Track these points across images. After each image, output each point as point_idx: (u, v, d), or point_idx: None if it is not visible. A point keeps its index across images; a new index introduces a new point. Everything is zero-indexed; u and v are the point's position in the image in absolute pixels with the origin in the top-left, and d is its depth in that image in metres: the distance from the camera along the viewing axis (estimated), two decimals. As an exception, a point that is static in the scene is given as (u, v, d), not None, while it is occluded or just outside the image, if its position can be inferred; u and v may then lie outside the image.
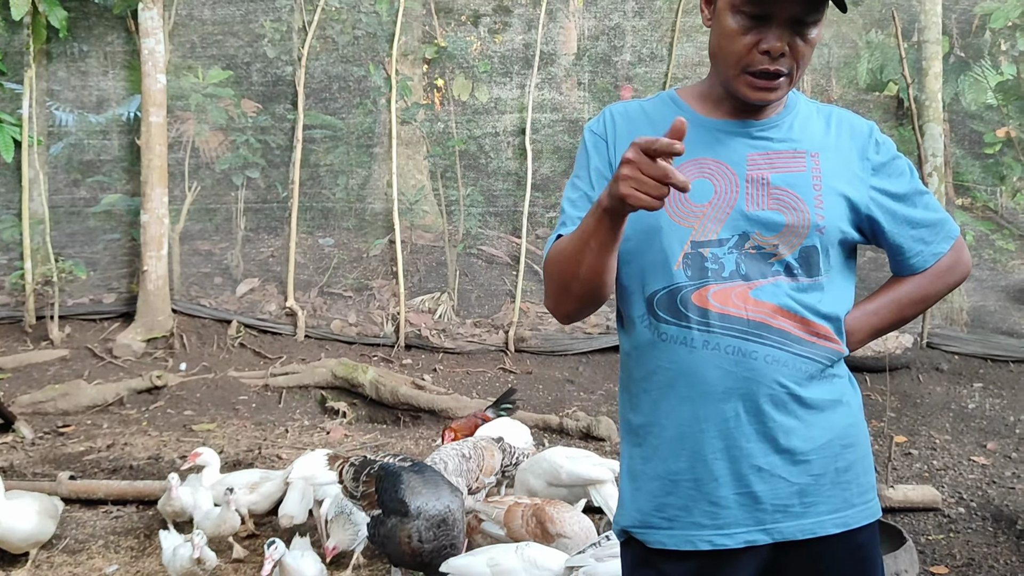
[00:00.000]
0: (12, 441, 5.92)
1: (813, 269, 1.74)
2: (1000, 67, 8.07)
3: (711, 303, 1.70)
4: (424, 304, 8.03)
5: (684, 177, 1.47)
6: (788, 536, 1.73)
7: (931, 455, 5.67)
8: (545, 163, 8.32)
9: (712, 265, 1.71)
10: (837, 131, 1.82)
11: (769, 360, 1.69)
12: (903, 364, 7.10)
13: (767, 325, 1.70)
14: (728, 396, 1.70)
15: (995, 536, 4.47)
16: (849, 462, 1.77)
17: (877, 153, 1.82)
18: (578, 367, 7.45)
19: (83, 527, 4.60)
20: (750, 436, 1.71)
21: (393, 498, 3.37)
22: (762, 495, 1.71)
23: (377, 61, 8.27)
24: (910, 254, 1.85)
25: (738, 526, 1.72)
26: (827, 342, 1.75)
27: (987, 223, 7.81)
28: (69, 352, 7.46)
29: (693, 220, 1.73)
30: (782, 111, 1.81)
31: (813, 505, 1.73)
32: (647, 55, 8.20)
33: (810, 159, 1.77)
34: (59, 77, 8.38)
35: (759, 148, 1.77)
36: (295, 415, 6.65)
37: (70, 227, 8.30)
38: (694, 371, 1.71)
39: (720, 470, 1.71)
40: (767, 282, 1.71)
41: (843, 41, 8.23)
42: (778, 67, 1.69)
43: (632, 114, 1.86)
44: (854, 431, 1.79)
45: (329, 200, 8.41)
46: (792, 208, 1.73)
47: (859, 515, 1.77)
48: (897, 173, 1.83)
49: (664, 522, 1.75)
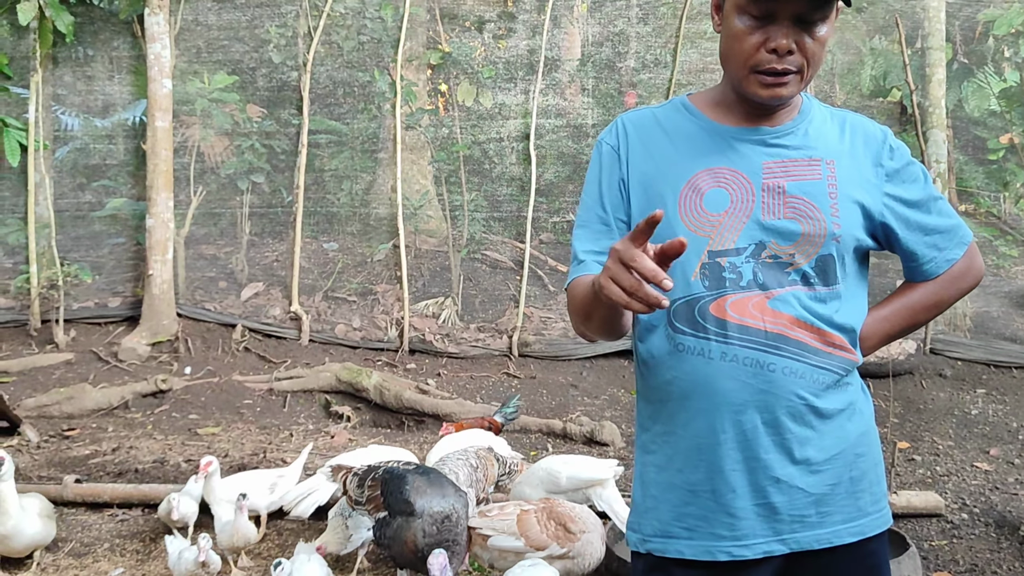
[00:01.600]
0: (17, 444, 5.94)
1: (830, 278, 1.74)
2: (1003, 73, 8.08)
3: (729, 314, 1.70)
4: (428, 309, 8.05)
5: (658, 295, 1.44)
6: (805, 546, 1.73)
7: (934, 461, 5.67)
8: (549, 168, 8.34)
9: (730, 275, 1.72)
10: (851, 137, 1.81)
11: (787, 372, 1.70)
12: (906, 370, 7.10)
13: (785, 336, 1.70)
14: (745, 408, 1.70)
15: (998, 542, 4.48)
16: (862, 471, 1.78)
17: (891, 159, 1.81)
18: (582, 372, 7.46)
19: (88, 530, 4.61)
20: (768, 448, 1.71)
21: (399, 499, 3.38)
22: (780, 506, 1.72)
23: (382, 66, 8.29)
24: (924, 260, 1.85)
25: (756, 537, 1.73)
26: (843, 352, 1.75)
27: (990, 229, 7.81)
28: (74, 356, 7.48)
29: (710, 230, 1.73)
30: (797, 117, 1.81)
31: (829, 515, 1.74)
32: (651, 61, 8.22)
33: (825, 166, 1.76)
34: (65, 82, 8.40)
35: (774, 156, 1.76)
36: (299, 419, 6.66)
37: (75, 231, 8.32)
38: (711, 382, 1.71)
39: (738, 481, 1.72)
40: (784, 291, 1.71)
41: (847, 47, 8.24)
42: (786, 65, 1.68)
43: (645, 122, 1.86)
44: (866, 440, 1.80)
45: (333, 205, 8.43)
46: (808, 217, 1.73)
47: (873, 523, 1.78)
48: (911, 179, 1.83)
49: (684, 532, 1.76)
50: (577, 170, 8.10)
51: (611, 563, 3.83)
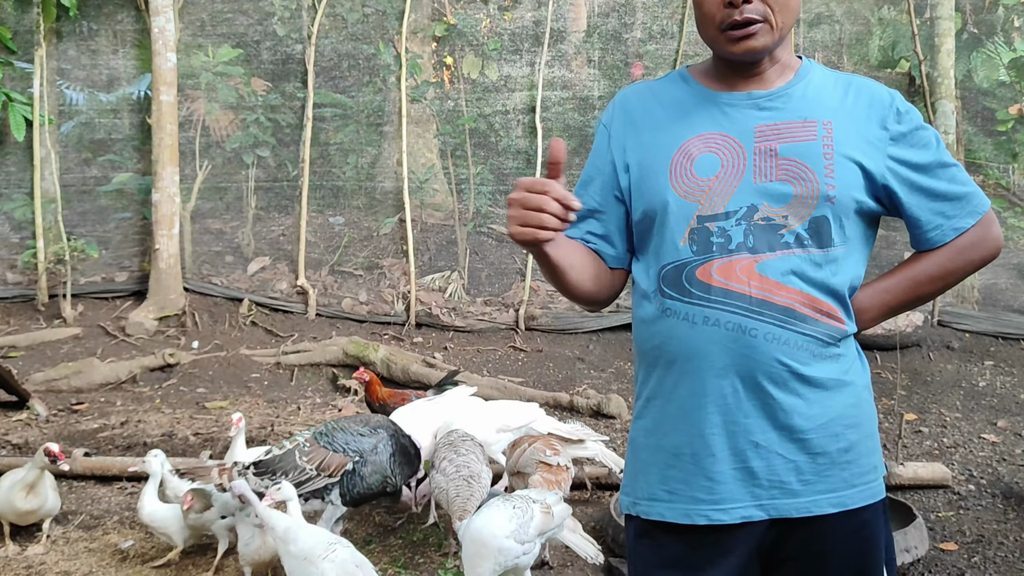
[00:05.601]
0: (26, 419, 5.97)
1: (824, 240, 1.71)
2: (1013, 44, 8.00)
3: (715, 278, 1.70)
4: (434, 283, 8.05)
5: (567, 199, 1.60)
6: (784, 513, 1.72)
7: (941, 433, 5.68)
8: (555, 141, 8.29)
9: (718, 239, 1.71)
10: (855, 99, 1.79)
11: (769, 338, 1.68)
12: (914, 342, 7.10)
13: (769, 302, 1.68)
14: (726, 372, 1.70)
15: (1005, 513, 4.49)
16: (851, 442, 1.75)
17: (899, 123, 1.77)
18: (588, 345, 7.46)
19: (98, 503, 4.65)
20: (748, 412, 1.70)
21: (358, 445, 3.78)
22: (759, 471, 1.71)
23: (387, 39, 8.25)
24: (928, 227, 1.79)
25: (734, 502, 1.72)
26: (830, 320, 1.72)
27: (999, 200, 7.76)
28: (82, 330, 7.51)
29: (699, 195, 1.73)
30: (793, 79, 1.79)
31: (811, 484, 1.72)
32: (658, 32, 8.16)
33: (822, 127, 1.74)
34: (69, 56, 8.38)
35: (767, 119, 1.75)
36: (307, 393, 6.69)
37: (81, 206, 8.33)
38: (694, 346, 1.72)
39: (717, 445, 1.72)
40: (775, 256, 1.70)
41: (855, 18, 8.17)
42: (747, 15, 1.68)
43: (640, 96, 1.89)
44: (857, 411, 1.77)
45: (339, 179, 8.41)
46: (800, 179, 1.71)
47: (858, 496, 1.75)
48: (920, 143, 1.78)
49: (667, 495, 1.77)
50: (583, 143, 8.06)
51: (617, 535, 3.85)
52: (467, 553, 3.24)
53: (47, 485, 4.02)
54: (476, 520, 3.29)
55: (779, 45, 1.77)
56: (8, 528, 4.06)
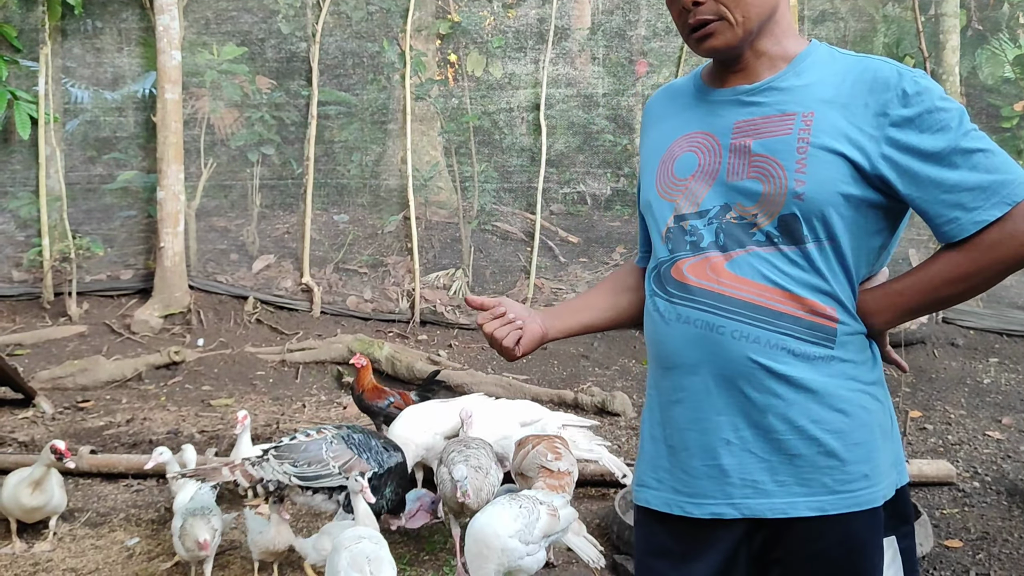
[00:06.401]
0: (32, 416, 5.99)
1: (797, 236, 1.63)
2: (1018, 40, 8.00)
3: (687, 276, 1.71)
4: (439, 280, 8.06)
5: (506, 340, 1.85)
6: (757, 513, 1.68)
7: (946, 430, 5.67)
8: (559, 139, 8.31)
9: (691, 238, 1.71)
10: (855, 84, 1.66)
11: (737, 335, 1.65)
12: (919, 339, 7.09)
13: (738, 299, 1.65)
14: (697, 369, 1.70)
15: (1010, 510, 4.48)
16: (834, 448, 1.65)
17: (904, 106, 1.61)
18: (593, 343, 7.47)
19: (104, 501, 4.66)
20: (721, 409, 1.69)
21: (383, 446, 3.90)
22: (730, 468, 1.69)
23: (391, 37, 8.25)
24: (940, 220, 1.62)
25: (707, 497, 1.71)
26: (816, 317, 1.65)
27: (1004, 198, 7.75)
28: (87, 328, 7.53)
29: (676, 195, 1.75)
30: (785, 70, 1.72)
31: (786, 485, 1.66)
32: (662, 29, 8.15)
33: (800, 120, 1.65)
34: (74, 54, 8.40)
35: (747, 115, 1.71)
36: (312, 390, 6.70)
37: (87, 204, 8.34)
38: (667, 343, 1.74)
39: (691, 441, 1.72)
40: (746, 252, 1.66)
41: (859, 15, 8.16)
42: (700, 17, 1.68)
43: (660, 97, 1.94)
44: (847, 420, 1.66)
45: (344, 177, 8.42)
46: (769, 176, 1.65)
47: (839, 502, 1.65)
48: (934, 127, 1.60)
49: (655, 482, 1.79)
50: (587, 140, 8.07)
51: (623, 532, 3.86)
52: (471, 552, 3.25)
53: (53, 482, 4.03)
54: (480, 518, 3.28)
55: (752, 39, 1.71)
56: (15, 525, 4.07)
